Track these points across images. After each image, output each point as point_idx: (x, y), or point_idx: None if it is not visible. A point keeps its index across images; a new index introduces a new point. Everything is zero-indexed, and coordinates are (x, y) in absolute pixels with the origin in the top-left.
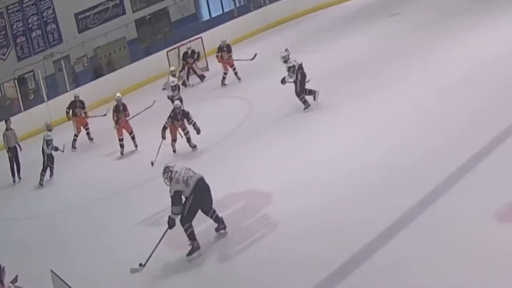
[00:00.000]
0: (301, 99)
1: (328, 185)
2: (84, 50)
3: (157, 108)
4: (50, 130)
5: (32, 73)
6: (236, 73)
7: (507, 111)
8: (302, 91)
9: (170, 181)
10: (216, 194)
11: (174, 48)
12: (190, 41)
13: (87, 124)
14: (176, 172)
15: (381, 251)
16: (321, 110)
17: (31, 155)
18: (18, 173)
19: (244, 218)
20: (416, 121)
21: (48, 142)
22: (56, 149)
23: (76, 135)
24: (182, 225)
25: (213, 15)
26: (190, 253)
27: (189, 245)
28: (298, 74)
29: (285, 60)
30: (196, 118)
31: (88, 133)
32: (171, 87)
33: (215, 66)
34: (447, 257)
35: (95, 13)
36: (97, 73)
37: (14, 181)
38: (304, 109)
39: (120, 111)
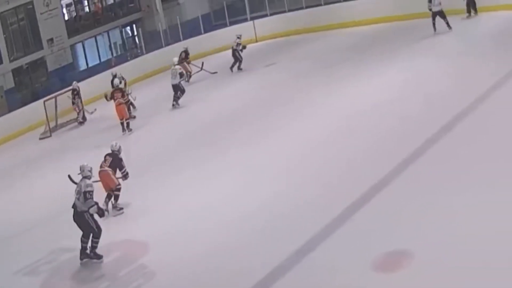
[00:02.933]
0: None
1: (207, 233)
2: None
3: None
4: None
5: None
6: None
7: (384, 160)
8: None
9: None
10: None
11: (51, 98)
12: (67, 91)
13: None
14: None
15: None
16: (202, 157)
17: None
18: None
19: (121, 268)
20: (295, 169)
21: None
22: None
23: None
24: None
25: (90, 65)
26: None
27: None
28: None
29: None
30: (68, 167)
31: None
32: None
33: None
34: None
35: None
36: None
37: None
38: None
39: None
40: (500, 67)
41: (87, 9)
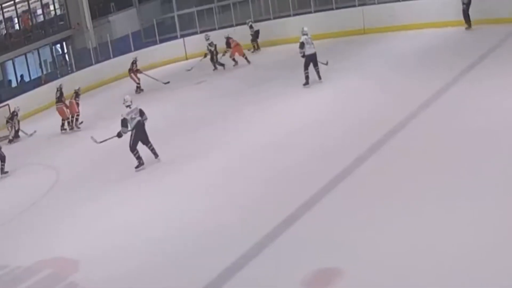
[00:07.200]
0: None
1: (138, 250)
2: None
3: None
4: None
5: None
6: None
7: (315, 177)
8: None
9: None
10: (23, 261)
11: None
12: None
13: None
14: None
15: None
16: (132, 174)
17: None
18: None
19: (51, 286)
20: (228, 184)
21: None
22: None
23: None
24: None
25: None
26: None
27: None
28: None
29: None
30: None
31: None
32: None
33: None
34: None
35: None
36: None
37: None
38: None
39: None
40: (430, 83)
41: (17, 26)
